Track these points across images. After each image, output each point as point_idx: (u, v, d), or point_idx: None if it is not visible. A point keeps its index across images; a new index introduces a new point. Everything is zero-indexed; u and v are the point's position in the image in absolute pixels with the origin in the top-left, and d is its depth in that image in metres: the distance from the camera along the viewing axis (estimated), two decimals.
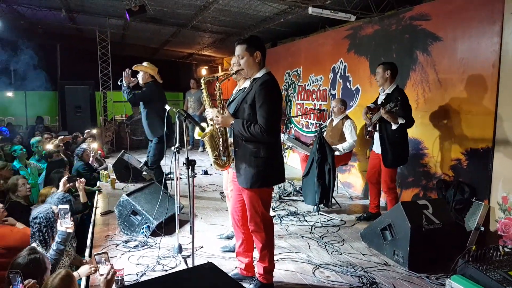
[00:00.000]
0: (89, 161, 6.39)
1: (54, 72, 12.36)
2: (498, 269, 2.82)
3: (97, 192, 5.68)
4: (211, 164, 3.07)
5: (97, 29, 9.78)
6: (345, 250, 3.86)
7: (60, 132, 10.15)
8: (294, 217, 4.79)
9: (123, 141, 10.32)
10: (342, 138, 5.50)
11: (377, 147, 4.49)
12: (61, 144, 6.82)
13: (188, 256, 3.47)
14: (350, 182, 6.29)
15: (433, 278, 3.30)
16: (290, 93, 8.29)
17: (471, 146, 4.20)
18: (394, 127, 4.24)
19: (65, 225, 2.93)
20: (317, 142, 4.91)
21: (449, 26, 4.43)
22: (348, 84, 6.29)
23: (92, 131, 8.16)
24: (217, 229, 4.33)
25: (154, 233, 4.01)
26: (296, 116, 7.91)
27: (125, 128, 10.55)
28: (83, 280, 3.03)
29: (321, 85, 7.10)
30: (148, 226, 4.01)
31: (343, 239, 4.14)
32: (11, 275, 2.31)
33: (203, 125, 3.18)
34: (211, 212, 4.98)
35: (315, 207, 5.01)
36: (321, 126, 5.26)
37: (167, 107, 3.79)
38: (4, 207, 3.61)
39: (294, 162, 7.46)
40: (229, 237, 3.97)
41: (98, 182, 6.09)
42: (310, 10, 5.26)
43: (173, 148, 3.40)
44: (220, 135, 2.99)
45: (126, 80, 5.18)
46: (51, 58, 12.28)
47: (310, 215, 4.88)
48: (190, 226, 3.16)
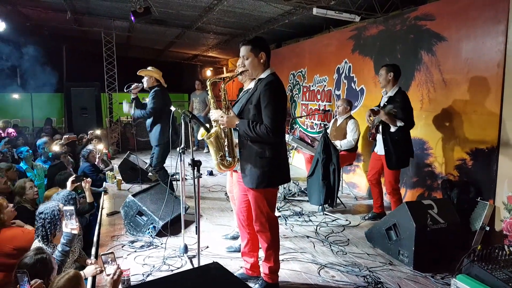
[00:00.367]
0: (95, 162, 6.44)
1: (60, 73, 12.39)
2: (503, 268, 2.82)
3: (103, 193, 5.71)
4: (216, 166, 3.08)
5: (102, 30, 9.83)
6: (350, 250, 3.86)
7: (66, 133, 10.20)
8: (299, 217, 4.80)
9: (129, 142, 10.37)
10: (345, 138, 5.51)
11: (379, 148, 4.51)
12: (65, 143, 6.86)
13: (194, 256, 3.49)
14: (355, 182, 6.28)
15: (438, 277, 3.29)
16: (295, 94, 8.30)
17: (476, 146, 4.19)
18: (392, 129, 4.27)
19: (70, 226, 2.93)
20: (322, 142, 4.91)
21: (454, 26, 4.42)
22: (352, 84, 6.29)
23: (96, 132, 8.20)
24: (222, 229, 4.35)
25: (160, 234, 4.02)
26: (301, 117, 7.91)
27: (130, 129, 10.60)
28: (89, 280, 3.05)
29: (325, 85, 7.10)
30: (154, 227, 4.02)
31: (348, 239, 4.15)
32: (18, 274, 2.32)
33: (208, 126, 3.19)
34: (216, 213, 5.00)
35: (320, 207, 5.02)
36: (326, 127, 5.26)
37: (172, 108, 3.83)
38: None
39: (299, 163, 7.46)
40: (235, 238, 3.98)
41: (104, 183, 6.13)
42: (315, 11, 5.27)
43: (178, 149, 3.42)
44: (225, 136, 3.00)
45: (134, 92, 5.29)
46: (57, 60, 12.33)
47: (315, 215, 4.89)
48: (196, 227, 3.17)
